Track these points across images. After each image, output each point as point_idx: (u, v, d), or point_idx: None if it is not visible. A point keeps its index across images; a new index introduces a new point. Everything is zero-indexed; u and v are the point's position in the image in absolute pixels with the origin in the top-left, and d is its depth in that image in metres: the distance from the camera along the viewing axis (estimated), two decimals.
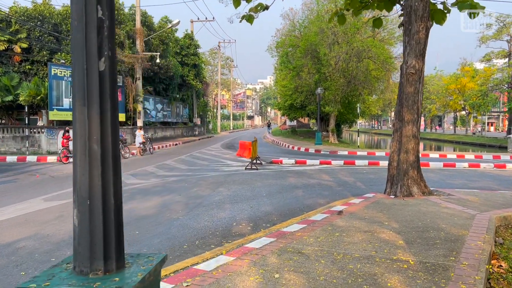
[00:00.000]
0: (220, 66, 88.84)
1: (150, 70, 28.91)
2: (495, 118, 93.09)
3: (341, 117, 34.40)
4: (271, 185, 12.18)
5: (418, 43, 9.59)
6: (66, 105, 23.67)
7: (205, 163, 18.09)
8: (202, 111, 47.24)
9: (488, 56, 50.77)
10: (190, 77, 36.88)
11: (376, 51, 26.26)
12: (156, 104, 33.14)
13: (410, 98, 9.73)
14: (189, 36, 37.60)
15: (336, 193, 11.02)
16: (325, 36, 26.94)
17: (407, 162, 9.72)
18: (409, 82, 9.72)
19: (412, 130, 9.76)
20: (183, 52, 36.40)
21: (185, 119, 42.10)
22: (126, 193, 10.31)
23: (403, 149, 9.78)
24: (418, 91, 9.77)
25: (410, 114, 9.74)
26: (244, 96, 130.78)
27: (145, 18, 28.79)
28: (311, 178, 13.90)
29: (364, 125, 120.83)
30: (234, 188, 11.38)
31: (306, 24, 30.85)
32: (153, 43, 28.84)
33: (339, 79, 26.92)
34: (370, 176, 14.70)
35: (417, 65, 9.64)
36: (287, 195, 10.61)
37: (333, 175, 14.68)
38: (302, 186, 12.04)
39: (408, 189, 9.62)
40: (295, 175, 14.61)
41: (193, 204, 9.07)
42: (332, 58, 26.13)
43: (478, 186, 12.62)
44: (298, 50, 29.76)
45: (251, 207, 8.99)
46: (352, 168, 17.00)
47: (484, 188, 12.18)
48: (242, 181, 12.82)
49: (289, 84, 31.61)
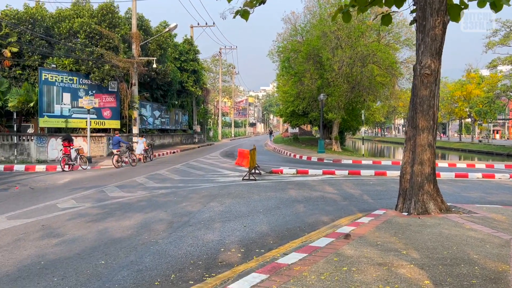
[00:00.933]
0: (222, 73, 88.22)
1: (147, 76, 27.93)
2: (500, 126, 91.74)
3: (344, 124, 33.28)
4: (269, 198, 11.05)
5: (434, 40, 8.50)
6: (57, 112, 22.68)
7: (201, 173, 16.97)
8: (202, 118, 46.24)
9: (494, 62, 49.64)
10: (189, 83, 35.90)
11: (381, 55, 25.19)
12: (153, 110, 32.12)
13: (424, 102, 8.62)
14: (189, 42, 36.69)
15: (341, 209, 9.88)
16: (328, 40, 25.92)
17: (422, 175, 8.58)
18: (424, 84, 8.61)
19: (427, 138, 8.63)
20: (182, 58, 35.46)
21: (185, 126, 41.08)
22: (105, 209, 9.20)
23: (417, 160, 8.65)
24: (434, 94, 8.66)
25: (425, 121, 8.61)
26: (246, 103, 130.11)
27: (142, 22, 27.88)
28: (313, 190, 12.76)
29: (367, 133, 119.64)
30: (228, 203, 10.25)
31: (308, 28, 29.87)
32: (150, 48, 27.88)
33: (343, 84, 25.84)
34: (377, 188, 13.55)
35: (432, 65, 8.53)
36: (287, 211, 9.47)
37: (337, 187, 13.54)
38: (303, 200, 10.90)
39: (423, 206, 8.47)
40: (296, 186, 13.48)
41: (178, 223, 7.93)
42: (335, 63, 25.07)
43: (498, 200, 11.45)
44: (300, 55, 28.75)
45: (245, 226, 7.86)
46: (357, 179, 15.85)
47: (505, 202, 11.00)
48: (238, 194, 11.69)
49: (291, 90, 30.55)
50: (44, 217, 8.29)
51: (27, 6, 24.49)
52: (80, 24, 22.79)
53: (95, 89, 24.38)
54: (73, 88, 23.33)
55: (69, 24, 23.09)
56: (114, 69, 23.64)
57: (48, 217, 8.29)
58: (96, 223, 7.78)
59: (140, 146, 22.56)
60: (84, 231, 7.18)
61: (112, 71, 23.56)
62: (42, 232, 7.07)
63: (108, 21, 24.03)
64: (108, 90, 24.99)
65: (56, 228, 7.40)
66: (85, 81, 23.88)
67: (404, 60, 28.20)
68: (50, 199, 10.38)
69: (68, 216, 8.43)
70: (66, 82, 22.90)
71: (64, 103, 22.83)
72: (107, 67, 23.17)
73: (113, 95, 25.21)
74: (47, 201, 10.12)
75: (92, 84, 24.05)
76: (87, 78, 23.74)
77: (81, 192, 11.72)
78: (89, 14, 23.76)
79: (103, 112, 24.76)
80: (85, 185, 13.20)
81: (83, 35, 22.86)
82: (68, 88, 23.03)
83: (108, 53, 22.90)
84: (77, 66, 23.27)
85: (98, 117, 24.45)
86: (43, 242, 6.44)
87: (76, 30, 23.04)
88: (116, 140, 20.05)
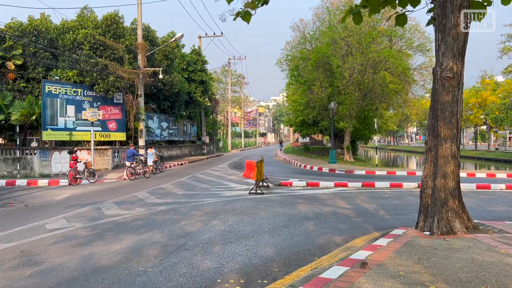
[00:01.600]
0: (231, 83, 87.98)
1: (153, 87, 27.43)
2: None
3: (356, 133, 32.31)
4: (276, 215, 10.20)
5: (456, 39, 7.65)
6: (61, 125, 22.21)
7: (206, 187, 16.20)
8: (211, 129, 45.62)
9: (510, 68, 48.33)
10: (198, 93, 35.37)
11: (394, 61, 24.29)
12: (161, 122, 31.59)
13: (447, 109, 7.75)
14: (196, 52, 36.25)
15: (355, 226, 8.99)
16: (338, 47, 25.13)
17: (446, 190, 7.68)
18: (446, 89, 7.75)
19: (451, 148, 7.74)
20: (190, 68, 35.00)
21: (193, 138, 40.50)
22: (97, 230, 8.46)
23: (439, 173, 7.75)
24: (457, 99, 7.79)
25: (448, 129, 7.73)
26: (256, 113, 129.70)
27: (148, 32, 27.48)
28: (324, 205, 11.88)
29: (380, 142, 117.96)
30: (231, 221, 9.43)
31: (318, 35, 29.16)
32: (156, 58, 27.43)
33: (354, 92, 24.96)
34: (394, 201, 12.60)
35: (455, 67, 7.68)
36: (295, 230, 8.61)
37: (350, 201, 12.63)
38: (313, 217, 10.03)
39: (448, 224, 7.55)
40: (306, 201, 12.61)
41: (173, 247, 7.14)
42: (346, 70, 24.23)
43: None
44: (309, 63, 28.00)
45: (247, 249, 7.03)
46: (371, 192, 14.91)
47: None
48: (243, 210, 10.87)
49: (300, 99, 29.75)
50: (27, 240, 7.58)
51: (31, 18, 24.24)
52: (84, 35, 22.41)
53: (100, 101, 23.91)
54: (77, 100, 22.88)
55: (73, 35, 22.73)
56: (119, 80, 23.16)
57: (31, 240, 7.58)
58: (82, 248, 7.03)
59: (151, 158, 22.45)
60: (66, 258, 6.43)
61: (117, 82, 23.08)
62: (18, 260, 6.34)
63: (112, 31, 23.62)
64: (113, 101, 24.51)
65: (36, 254, 6.66)
66: (90, 93, 23.43)
67: (417, 67, 27.27)
68: (41, 219, 9.69)
69: (54, 239, 7.70)
70: (70, 94, 22.46)
71: (68, 116, 22.38)
72: (111, 78, 22.70)
73: (118, 106, 24.71)
74: (36, 221, 9.44)
75: (97, 96, 23.59)
76: (92, 90, 23.29)
77: (75, 210, 11.02)
78: (93, 25, 23.39)
79: (108, 124, 24.25)
80: (82, 202, 12.52)
81: (87, 46, 22.46)
82: (72, 100, 22.59)
83: (113, 64, 22.44)
84: (81, 78, 22.84)
85: (104, 129, 23.94)
86: (16, 273, 5.71)
87: (80, 41, 22.66)
88: (130, 152, 19.96)
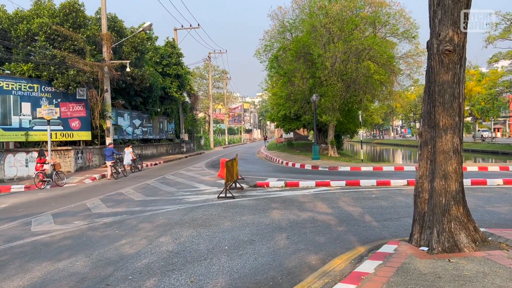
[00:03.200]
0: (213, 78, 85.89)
1: (122, 81, 25.42)
2: (501, 124, 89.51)
3: (341, 127, 30.74)
4: (243, 225, 8.50)
5: (458, 1, 6.02)
6: (16, 124, 20.10)
7: (171, 190, 14.40)
8: (191, 125, 43.68)
9: (495, 57, 47.38)
10: (173, 88, 33.39)
11: (378, 49, 22.73)
12: (133, 119, 29.58)
13: (446, 91, 6.12)
14: (171, 44, 34.21)
15: (336, 239, 7.36)
16: (319, 35, 23.43)
17: (447, 194, 6.06)
18: (444, 66, 6.11)
19: (452, 141, 6.12)
20: (164, 62, 32.97)
21: (171, 135, 38.54)
22: (5, 255, 6.64)
23: (438, 173, 6.13)
24: (459, 79, 6.16)
25: (448, 117, 6.11)
26: (241, 109, 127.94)
27: (114, 23, 25.41)
28: (302, 209, 10.21)
29: (365, 135, 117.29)
30: (185, 236, 7.70)
31: (297, 24, 27.44)
32: (124, 51, 25.41)
33: (337, 83, 23.33)
34: (381, 203, 11.01)
35: (456, 37, 6.05)
36: (262, 246, 6.93)
37: (332, 204, 11.00)
38: (287, 227, 8.36)
39: (451, 238, 5.93)
40: (281, 205, 10.93)
41: (93, 281, 5.36)
42: (328, 59, 22.56)
43: None
44: (289, 53, 26.28)
45: (192, 281, 5.31)
46: (356, 191, 13.31)
47: None
48: (204, 220, 9.14)
49: (280, 92, 28.04)
50: None
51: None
52: (39, 25, 20.28)
53: (61, 97, 21.82)
54: (34, 96, 20.75)
55: (27, 25, 20.59)
56: (81, 74, 21.11)
57: None
58: None
59: (128, 157, 21.60)
60: None
61: (78, 76, 21.02)
62: None
63: (71, 20, 21.54)
64: (76, 98, 22.45)
65: None
66: (48, 89, 21.31)
67: (403, 55, 25.77)
68: None
69: None
70: (25, 90, 20.33)
71: (23, 114, 20.25)
72: (72, 72, 20.64)
73: (82, 103, 22.66)
74: None
75: (57, 92, 21.50)
76: (50, 85, 21.18)
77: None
78: (50, 13, 21.27)
79: (70, 122, 22.18)
80: (16, 214, 10.62)
81: (43, 37, 20.33)
82: (27, 97, 20.45)
83: (71, 56, 20.37)
84: (38, 72, 20.72)
85: (65, 128, 21.86)
86: None
87: (35, 31, 20.54)
88: (109, 151, 19.12)
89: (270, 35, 28.53)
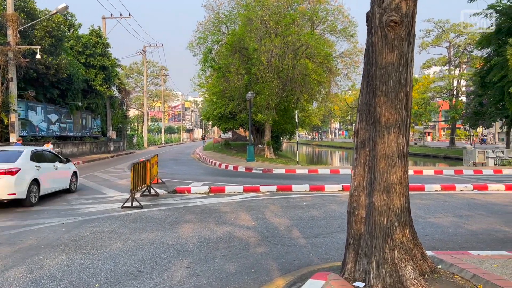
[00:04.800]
0: (151, 75, 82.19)
1: (33, 70, 22.26)
2: (431, 128, 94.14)
3: (278, 127, 29.50)
4: (137, 248, 6.58)
5: None
6: None
7: (70, 198, 12.05)
8: (121, 122, 40.49)
9: (428, 63, 48.98)
10: (98, 81, 30.31)
11: (316, 46, 21.65)
12: (48, 114, 26.28)
13: (390, 76, 4.65)
14: (96, 33, 31.06)
15: (251, 267, 5.69)
16: (254, 28, 21.91)
17: (390, 212, 4.59)
18: (389, 42, 4.63)
19: (397, 142, 4.68)
20: (88, 52, 29.82)
21: (96, 133, 35.25)
22: None
23: (379, 184, 4.65)
24: (407, 61, 4.72)
25: (392, 110, 4.65)
26: (182, 108, 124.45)
27: (24, 3, 22.20)
28: (220, 223, 8.48)
29: (305, 137, 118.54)
30: (47, 267, 5.64)
31: (234, 16, 25.75)
32: (36, 35, 22.29)
33: (273, 80, 21.94)
34: (313, 213, 9.57)
35: (404, 5, 4.59)
36: (148, 283, 5.07)
37: (257, 214, 9.39)
38: (194, 249, 6.58)
39: (394, 271, 4.45)
40: (197, 216, 9.13)
41: None
42: (263, 53, 21.10)
43: (481, 229, 7.93)
44: (224, 46, 24.53)
45: None
46: (287, 198, 11.84)
47: (493, 234, 7.48)
48: (89, 240, 7.09)
49: (214, 88, 26.21)
50: None
51: None
52: None
53: None
54: None
55: None
56: None
57: None
58: None
59: None
60: None
61: None
62: None
63: None
64: None
65: None
66: None
67: (341, 54, 25.02)
68: None
69: None
70: None
71: None
72: None
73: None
74: None
75: None
76: None
77: None
78: None
79: None
80: None
81: None
82: None
83: None
84: None
85: None
86: None
87: None
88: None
89: (205, 27, 26.58)
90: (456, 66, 46.78)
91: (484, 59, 31.35)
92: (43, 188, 10.93)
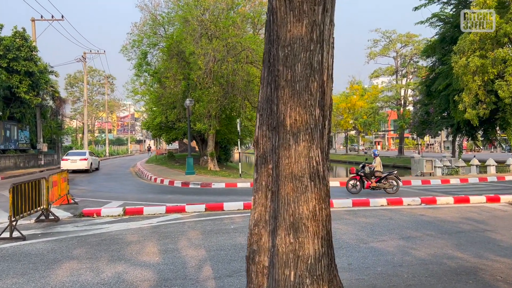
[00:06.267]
0: (97, 84, 78.26)
1: None
2: (381, 137, 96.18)
3: (222, 137, 27.83)
4: None
5: None
6: None
7: None
8: (55, 134, 37.19)
9: (376, 73, 49.38)
10: (22, 88, 27.32)
11: (258, 50, 20.29)
12: None
13: (298, 57, 3.08)
14: (20, 35, 28.07)
15: None
16: (191, 29, 20.23)
17: (299, 262, 2.99)
18: (295, 7, 3.08)
19: (309, 156, 3.09)
20: (10, 55, 26.81)
21: (24, 145, 31.90)
22: None
23: (283, 218, 3.06)
24: (323, 36, 3.18)
25: (301, 108, 3.07)
26: (131, 118, 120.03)
27: None
28: (115, 259, 6.63)
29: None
30: None
31: (172, 18, 23.93)
32: None
33: (212, 86, 20.31)
34: (239, 239, 7.93)
35: None
36: None
37: (169, 244, 7.61)
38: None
39: None
40: (91, 250, 7.23)
41: None
42: (200, 57, 19.43)
43: (430, 255, 6.61)
44: (161, 50, 22.62)
45: None
46: (215, 220, 10.13)
47: (441, 258, 6.18)
48: None
49: (149, 94, 24.14)
50: None
51: None
52: None
53: None
54: None
55: None
56: None
57: None
58: None
59: None
60: None
61: None
62: None
63: None
64: None
65: None
66: None
67: None
68: None
69: None
70: None
71: None
72: None
73: None
74: None
75: None
76: None
77: None
78: None
79: None
80: None
81: None
82: None
83: None
84: None
85: None
86: None
87: None
88: None
89: (140, 29, 24.57)
90: (403, 76, 47.43)
91: (430, 68, 31.51)
92: None
